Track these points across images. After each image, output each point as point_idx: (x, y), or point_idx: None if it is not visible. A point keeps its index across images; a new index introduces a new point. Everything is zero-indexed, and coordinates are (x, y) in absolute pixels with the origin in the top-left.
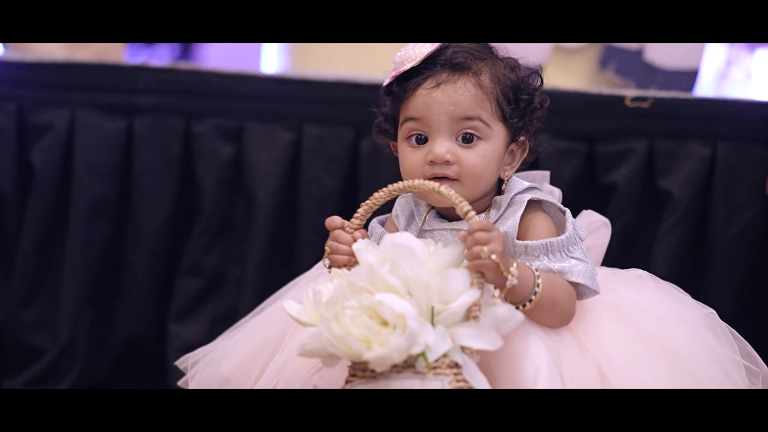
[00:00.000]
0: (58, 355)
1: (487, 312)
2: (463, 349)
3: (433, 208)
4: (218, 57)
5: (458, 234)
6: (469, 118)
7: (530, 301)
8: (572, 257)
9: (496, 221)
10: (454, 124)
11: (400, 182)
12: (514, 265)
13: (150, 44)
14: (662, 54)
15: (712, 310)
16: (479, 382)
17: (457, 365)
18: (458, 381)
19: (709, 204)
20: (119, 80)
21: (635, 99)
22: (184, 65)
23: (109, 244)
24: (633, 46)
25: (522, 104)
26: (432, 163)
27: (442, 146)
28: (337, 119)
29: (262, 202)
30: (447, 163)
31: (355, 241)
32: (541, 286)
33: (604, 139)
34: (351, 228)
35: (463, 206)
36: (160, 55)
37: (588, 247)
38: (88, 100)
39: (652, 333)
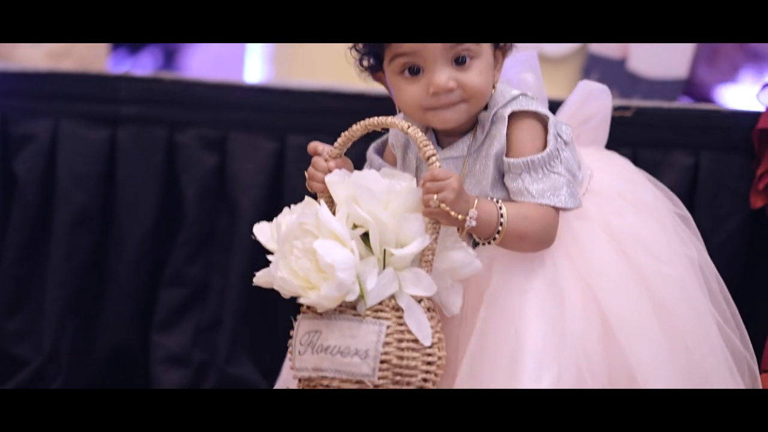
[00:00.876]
0: (41, 365)
1: (444, 256)
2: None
3: (428, 131)
4: (201, 66)
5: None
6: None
7: (494, 238)
8: (554, 172)
9: (483, 141)
10: (446, 51)
11: (375, 118)
12: (475, 204)
13: (133, 53)
14: (645, 63)
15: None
16: (420, 327)
17: (393, 309)
18: (399, 324)
19: (693, 213)
20: (102, 90)
21: (618, 108)
22: (167, 75)
23: (92, 254)
24: (616, 55)
25: None
26: (435, 94)
27: (442, 74)
28: (320, 129)
29: (245, 212)
30: (450, 90)
31: (330, 171)
32: (506, 223)
33: None
34: (329, 156)
35: (427, 151)
36: (143, 65)
37: (590, 116)
38: (71, 110)
39: (652, 274)
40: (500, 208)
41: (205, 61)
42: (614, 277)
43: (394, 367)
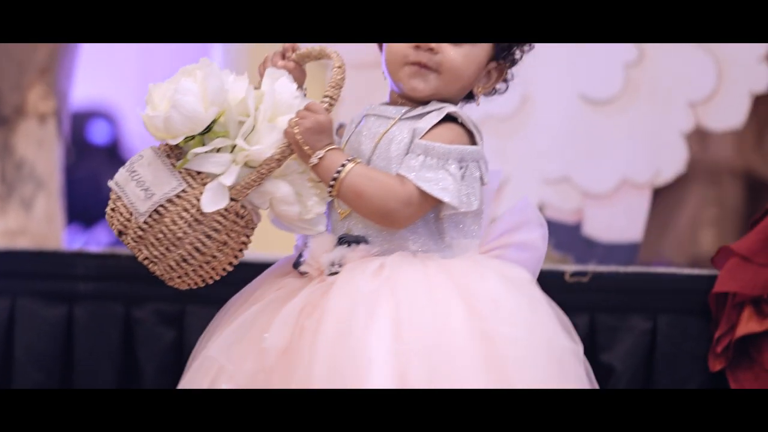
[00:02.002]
0: None
1: (276, 181)
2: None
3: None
4: None
5: None
6: None
7: (331, 186)
8: (446, 169)
9: (414, 117)
10: None
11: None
12: (327, 148)
13: (87, 228)
14: (600, 228)
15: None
16: (209, 202)
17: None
18: (197, 200)
19: (651, 377)
20: (58, 267)
21: (575, 274)
22: (123, 251)
23: None
24: (571, 220)
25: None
26: (417, 47)
27: None
28: None
29: None
30: (430, 50)
31: (285, 68)
32: (344, 174)
33: None
34: (289, 58)
35: (327, 90)
36: (97, 240)
37: (522, 245)
38: (27, 288)
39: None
40: (348, 161)
41: None
42: (454, 336)
43: (163, 225)
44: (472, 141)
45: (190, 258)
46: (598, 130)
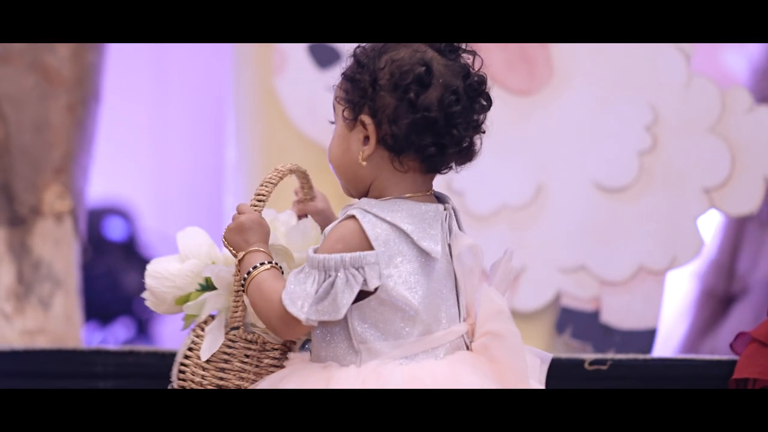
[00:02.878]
0: None
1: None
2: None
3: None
4: (173, 336)
5: None
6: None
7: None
8: (305, 283)
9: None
10: None
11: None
12: (247, 249)
13: (104, 325)
14: (618, 315)
15: None
16: (209, 346)
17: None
18: (194, 344)
19: None
20: (78, 366)
21: (594, 362)
22: (142, 347)
23: None
24: (588, 308)
25: (360, 80)
26: None
27: None
28: None
29: None
30: None
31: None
32: (248, 282)
33: None
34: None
35: (257, 189)
36: (115, 337)
37: (493, 331)
38: (47, 387)
39: None
40: (256, 267)
41: (176, 329)
42: None
43: (188, 380)
44: (367, 243)
45: None
46: (613, 218)
